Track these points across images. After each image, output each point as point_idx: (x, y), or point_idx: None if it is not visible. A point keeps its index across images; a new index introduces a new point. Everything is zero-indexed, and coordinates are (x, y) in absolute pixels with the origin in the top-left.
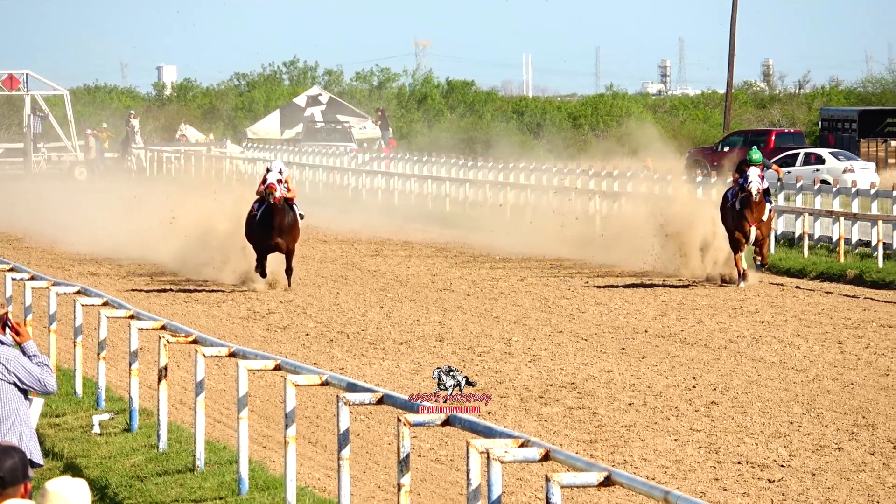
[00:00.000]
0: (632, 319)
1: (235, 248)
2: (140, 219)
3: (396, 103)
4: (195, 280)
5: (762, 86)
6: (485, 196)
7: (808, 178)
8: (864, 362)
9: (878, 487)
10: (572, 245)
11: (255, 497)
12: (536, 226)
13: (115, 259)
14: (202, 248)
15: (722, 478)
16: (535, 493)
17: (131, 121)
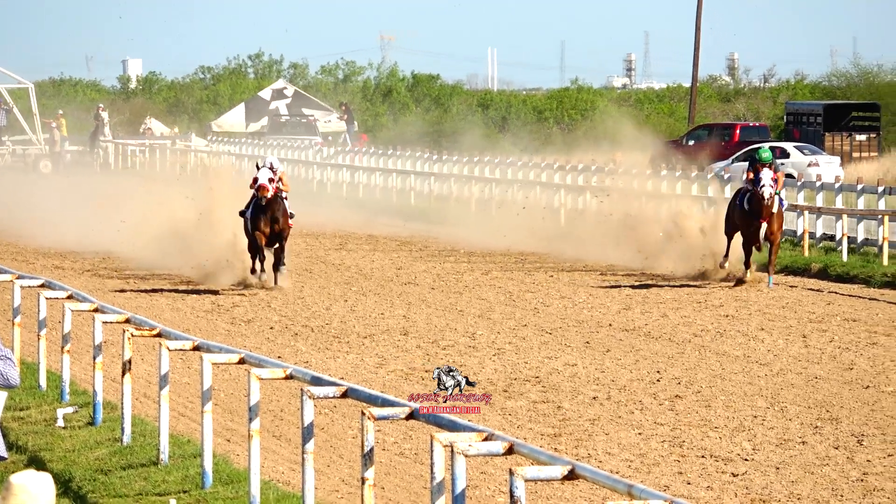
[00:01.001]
0: (596, 313)
1: (203, 243)
2: (107, 212)
3: (362, 97)
4: (159, 274)
5: (727, 79)
6: (450, 190)
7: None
8: (828, 356)
9: (842, 481)
10: (537, 239)
11: (219, 490)
12: (501, 219)
13: (79, 253)
14: (170, 242)
15: (686, 471)
16: (498, 487)
17: (100, 113)
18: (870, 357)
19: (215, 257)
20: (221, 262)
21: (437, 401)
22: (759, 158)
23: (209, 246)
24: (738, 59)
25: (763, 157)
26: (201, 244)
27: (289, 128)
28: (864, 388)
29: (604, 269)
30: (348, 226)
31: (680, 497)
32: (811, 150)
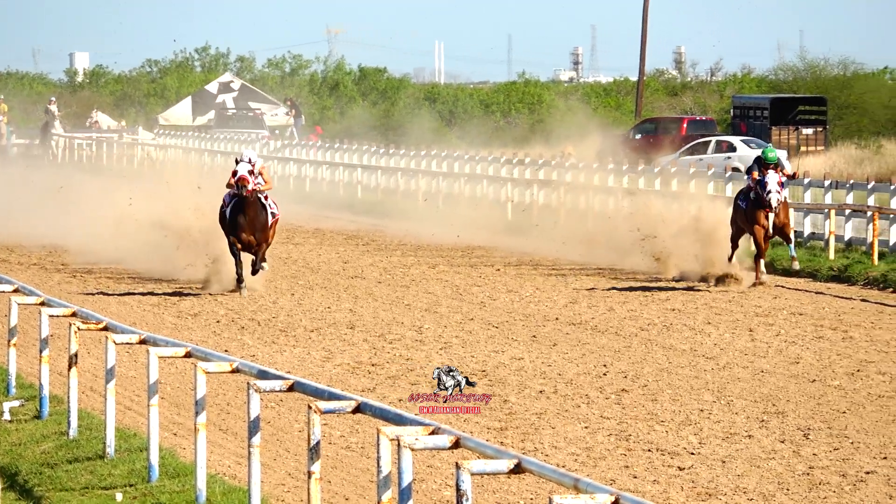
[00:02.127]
0: (543, 307)
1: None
2: (56, 206)
3: (309, 90)
4: (106, 268)
5: (674, 73)
6: (397, 183)
7: (719, 166)
8: (775, 350)
9: (788, 475)
10: (484, 233)
11: (165, 484)
12: (449, 213)
13: (26, 246)
14: (121, 236)
15: (632, 465)
16: (445, 481)
17: (50, 107)
18: (816, 351)
19: (173, 255)
20: (181, 261)
21: (438, 401)
22: (765, 159)
23: (162, 241)
24: (685, 53)
25: (769, 158)
26: (156, 239)
27: (235, 121)
28: (811, 382)
29: (551, 263)
30: (295, 219)
31: (626, 491)
32: (758, 144)
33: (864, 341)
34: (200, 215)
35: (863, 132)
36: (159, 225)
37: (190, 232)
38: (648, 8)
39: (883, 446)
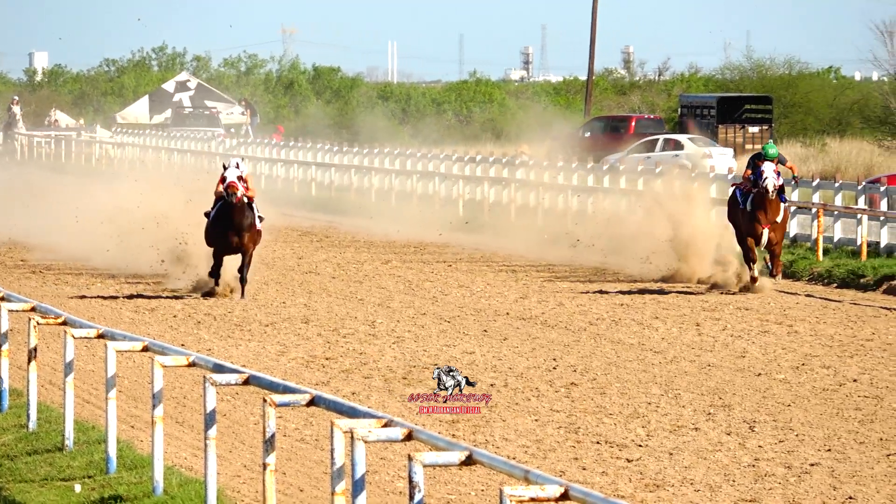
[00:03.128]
0: (494, 302)
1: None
2: (12, 202)
3: (264, 89)
4: (66, 264)
5: (622, 73)
6: (350, 180)
7: (667, 164)
8: (721, 344)
9: (734, 466)
10: (437, 229)
11: (123, 476)
12: (401, 210)
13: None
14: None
15: (581, 457)
16: (398, 473)
17: (13, 107)
18: (762, 345)
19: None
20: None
21: (438, 401)
22: (766, 155)
23: (125, 237)
24: (634, 53)
25: (769, 153)
26: (119, 236)
27: (192, 119)
28: (756, 376)
29: (502, 259)
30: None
31: (575, 482)
32: (705, 142)
33: (809, 335)
34: (174, 213)
35: (808, 130)
36: (138, 222)
37: (167, 230)
38: (597, 8)
39: (827, 438)
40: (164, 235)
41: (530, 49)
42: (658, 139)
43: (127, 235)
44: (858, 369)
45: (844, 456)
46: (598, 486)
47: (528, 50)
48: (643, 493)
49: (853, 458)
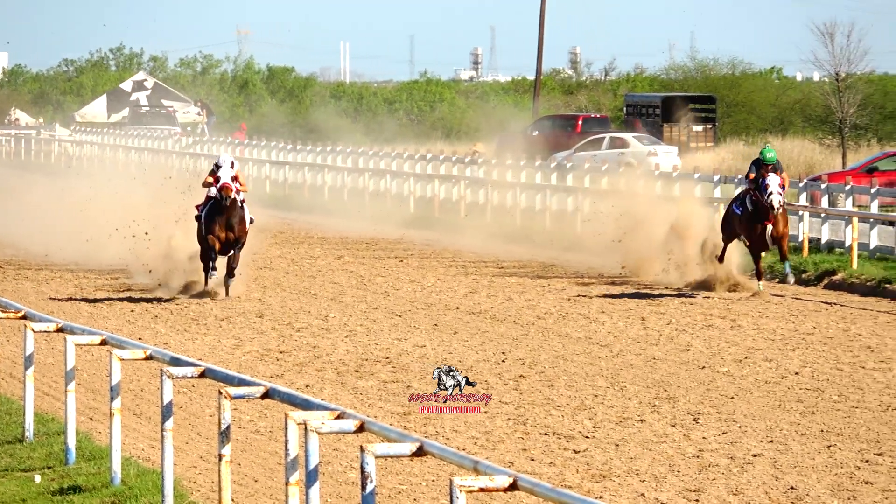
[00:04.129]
0: (444, 297)
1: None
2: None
3: (219, 89)
4: (26, 260)
5: (570, 73)
6: (304, 178)
7: (613, 162)
8: (666, 338)
9: (679, 457)
10: (388, 225)
11: (82, 467)
12: (353, 206)
13: None
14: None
15: (530, 448)
16: (350, 463)
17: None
18: (705, 339)
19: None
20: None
21: (438, 401)
22: (763, 159)
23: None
24: (580, 54)
25: (767, 158)
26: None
27: (149, 118)
28: (700, 369)
29: (452, 254)
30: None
31: (524, 473)
32: (650, 140)
33: (752, 330)
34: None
35: (750, 129)
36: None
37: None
38: (545, 10)
39: (769, 430)
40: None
41: (479, 50)
42: (604, 137)
43: (95, 231)
44: (800, 362)
45: (786, 447)
46: (545, 477)
47: (477, 50)
48: (590, 484)
49: (795, 449)
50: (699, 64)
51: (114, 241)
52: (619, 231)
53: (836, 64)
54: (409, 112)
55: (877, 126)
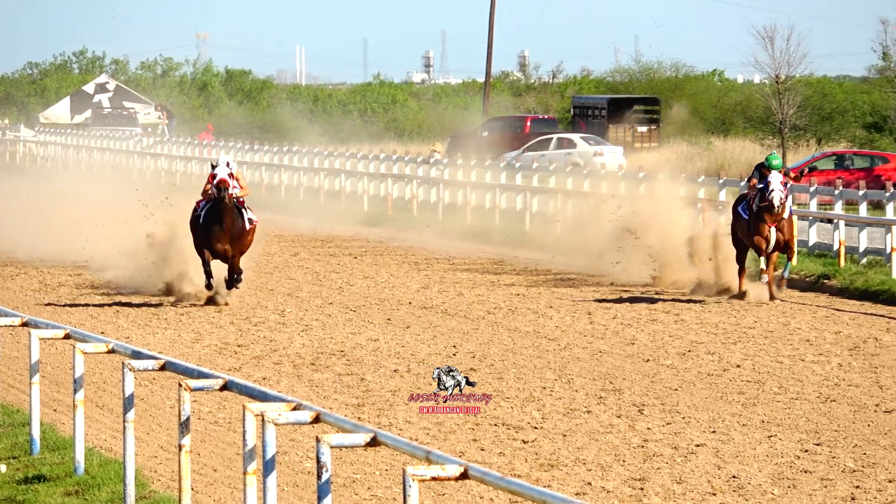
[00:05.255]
0: (397, 292)
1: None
2: None
3: (179, 91)
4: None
5: (518, 75)
6: (261, 177)
7: (560, 161)
8: (612, 332)
9: (624, 447)
10: (343, 223)
11: (46, 457)
12: (308, 205)
13: None
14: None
15: (480, 439)
16: (306, 453)
17: None
18: (650, 333)
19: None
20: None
21: (438, 401)
22: (769, 165)
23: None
24: (529, 57)
25: (773, 164)
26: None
27: (111, 119)
28: (645, 362)
29: (405, 251)
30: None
31: (474, 462)
32: (596, 141)
33: (695, 324)
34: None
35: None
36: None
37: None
38: (494, 15)
39: (712, 421)
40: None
41: (431, 53)
42: (552, 138)
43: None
44: (741, 355)
45: (728, 437)
46: (495, 466)
47: (429, 54)
48: (538, 473)
49: (736, 439)
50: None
51: (79, 238)
52: (571, 229)
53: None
54: (363, 113)
55: (815, 127)
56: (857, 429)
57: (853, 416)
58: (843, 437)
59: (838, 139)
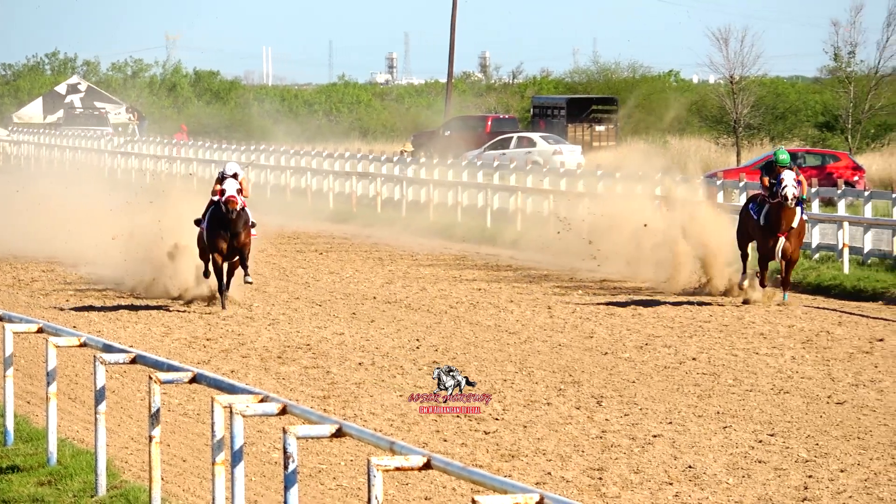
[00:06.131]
0: (361, 287)
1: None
2: None
3: (149, 91)
4: None
5: (480, 76)
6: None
7: (521, 160)
8: (571, 326)
9: (583, 438)
10: (309, 220)
11: (20, 448)
12: (275, 202)
13: None
14: None
15: (442, 430)
16: (273, 444)
17: None
18: (608, 326)
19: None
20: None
21: (438, 401)
22: (777, 161)
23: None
24: (490, 58)
25: (781, 160)
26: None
27: (82, 119)
28: (603, 355)
29: (369, 247)
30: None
31: (437, 453)
32: (555, 140)
33: (652, 318)
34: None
35: (650, 129)
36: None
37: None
38: (456, 17)
39: (668, 412)
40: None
41: (394, 54)
42: (512, 137)
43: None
44: (697, 348)
45: (684, 428)
46: (458, 457)
47: (392, 55)
48: (499, 463)
49: (692, 430)
50: (601, 68)
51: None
52: (532, 226)
53: (730, 67)
54: (328, 113)
55: (769, 126)
56: (810, 420)
57: (806, 407)
58: (796, 428)
59: (791, 138)
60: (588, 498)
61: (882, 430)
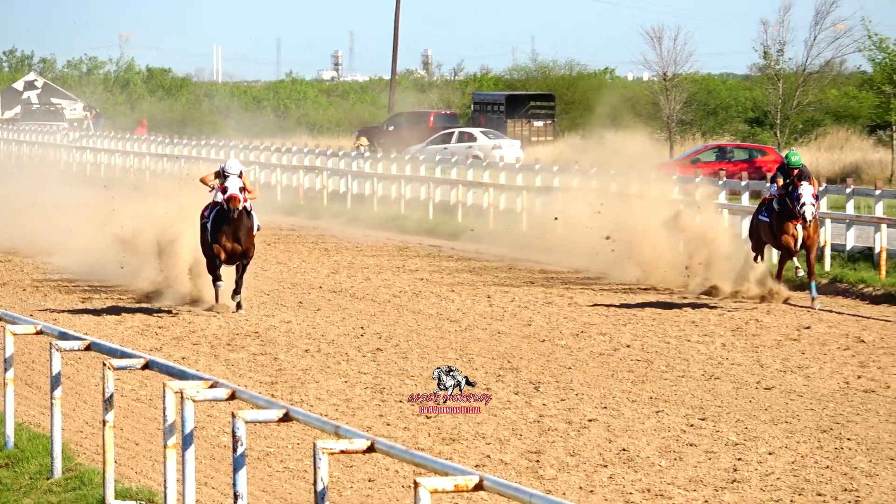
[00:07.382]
0: (308, 277)
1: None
2: None
3: (103, 88)
4: None
5: (422, 73)
6: (180, 169)
7: (461, 154)
8: (510, 314)
9: (521, 422)
10: (257, 212)
11: None
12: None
13: None
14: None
15: (386, 414)
16: (223, 428)
17: None
18: (546, 315)
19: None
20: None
21: (438, 401)
22: (789, 163)
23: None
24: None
25: (793, 162)
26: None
27: (39, 115)
28: (541, 342)
29: (315, 238)
30: (90, 202)
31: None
32: (495, 135)
33: (588, 307)
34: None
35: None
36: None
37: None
38: (399, 16)
39: (603, 397)
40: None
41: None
42: (454, 132)
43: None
44: (631, 336)
45: (619, 413)
46: (400, 440)
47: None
48: (441, 446)
49: (626, 414)
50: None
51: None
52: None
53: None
54: (276, 109)
55: (700, 121)
56: (739, 405)
57: (735, 392)
58: (726, 413)
59: (722, 133)
60: (526, 480)
61: (809, 414)
